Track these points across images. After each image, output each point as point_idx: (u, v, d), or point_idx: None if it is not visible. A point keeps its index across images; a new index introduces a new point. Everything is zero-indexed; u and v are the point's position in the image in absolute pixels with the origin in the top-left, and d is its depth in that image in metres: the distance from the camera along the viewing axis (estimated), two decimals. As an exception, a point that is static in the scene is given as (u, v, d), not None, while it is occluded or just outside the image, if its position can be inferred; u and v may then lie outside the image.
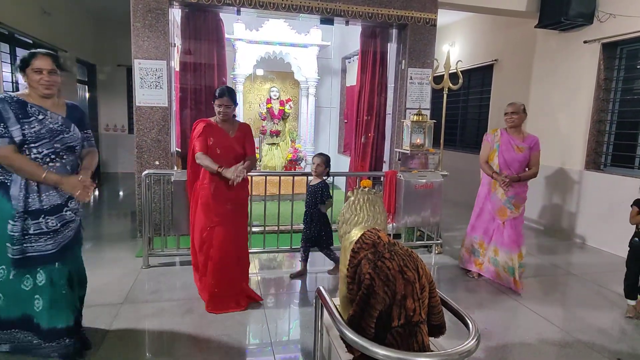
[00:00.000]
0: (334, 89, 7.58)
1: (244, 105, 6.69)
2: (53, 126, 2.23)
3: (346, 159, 6.64)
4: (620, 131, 4.98)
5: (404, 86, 5.14)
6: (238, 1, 4.47)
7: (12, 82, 5.26)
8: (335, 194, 4.31)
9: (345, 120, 7.45)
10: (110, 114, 9.08)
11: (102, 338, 2.63)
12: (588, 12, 4.96)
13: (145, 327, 2.81)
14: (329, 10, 4.73)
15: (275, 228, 4.34)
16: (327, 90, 7.44)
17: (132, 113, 4.54)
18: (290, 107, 6.75)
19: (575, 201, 5.26)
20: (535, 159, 3.65)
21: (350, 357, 1.86)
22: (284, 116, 6.63)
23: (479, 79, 7.17)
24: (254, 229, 4.42)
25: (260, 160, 6.46)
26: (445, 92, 4.56)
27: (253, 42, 6.14)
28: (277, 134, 6.54)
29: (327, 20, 4.93)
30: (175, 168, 4.64)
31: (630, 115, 4.88)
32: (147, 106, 4.43)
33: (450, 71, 4.51)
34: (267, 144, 6.54)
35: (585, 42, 5.10)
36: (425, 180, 4.26)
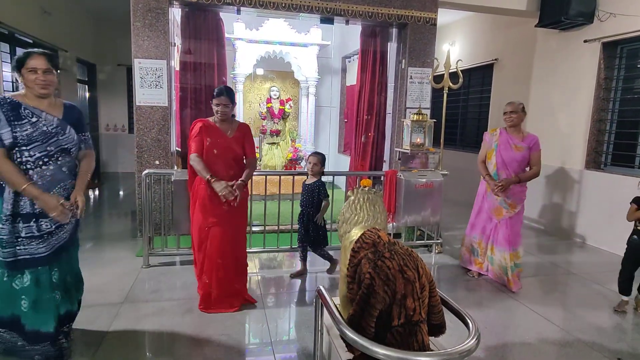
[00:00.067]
0: (334, 89, 7.58)
1: (244, 105, 6.69)
2: (47, 128, 2.19)
3: (346, 158, 6.63)
4: (620, 130, 4.98)
5: (404, 85, 5.14)
6: (238, 0, 4.47)
7: (12, 82, 5.25)
8: (335, 194, 4.31)
9: (346, 120, 7.44)
10: (110, 114, 9.09)
11: (102, 337, 2.63)
12: (588, 12, 4.96)
13: (145, 327, 2.81)
14: (329, 9, 4.73)
15: (276, 227, 4.35)
16: (327, 89, 7.44)
17: (132, 113, 4.54)
18: (290, 107, 6.75)
19: (576, 200, 5.26)
20: (536, 158, 3.63)
21: (351, 357, 1.86)
22: (284, 115, 6.64)
23: (479, 78, 7.17)
24: (254, 229, 4.42)
25: (261, 160, 6.46)
26: (446, 92, 4.56)
27: (253, 42, 6.14)
28: (277, 133, 6.54)
29: (327, 20, 4.93)
30: (176, 167, 4.64)
31: (631, 115, 4.88)
32: (147, 106, 4.43)
33: (451, 70, 4.51)
34: (267, 144, 6.55)
35: (585, 42, 5.10)
36: (425, 179, 4.26)
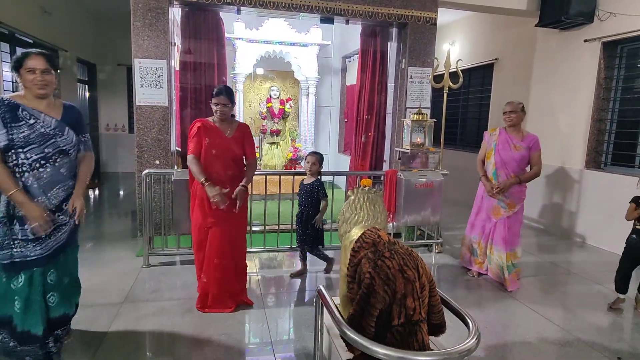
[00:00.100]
0: (334, 88, 7.58)
1: (244, 105, 6.69)
2: (44, 130, 2.18)
3: (346, 158, 6.63)
4: (620, 130, 4.98)
5: (404, 85, 5.14)
6: (238, 0, 4.47)
7: (12, 82, 5.25)
8: (335, 193, 4.31)
9: (346, 120, 7.45)
10: (110, 114, 9.09)
11: (102, 337, 2.63)
12: (588, 11, 4.96)
13: (145, 327, 2.81)
14: (329, 9, 4.73)
15: (276, 227, 4.35)
16: (327, 89, 7.44)
17: (133, 112, 4.54)
18: (291, 107, 6.75)
19: (576, 200, 5.26)
20: (536, 158, 3.63)
21: (351, 356, 1.86)
22: (284, 115, 6.64)
23: (479, 78, 7.17)
24: (254, 228, 4.42)
25: (261, 159, 6.46)
26: (446, 91, 4.55)
27: (253, 41, 6.14)
28: (277, 133, 6.54)
29: (327, 19, 4.93)
30: (176, 167, 4.64)
31: (631, 114, 4.88)
32: (148, 105, 4.43)
33: (451, 70, 4.51)
34: (267, 143, 6.55)
35: (585, 41, 5.09)
36: (425, 179, 4.26)
